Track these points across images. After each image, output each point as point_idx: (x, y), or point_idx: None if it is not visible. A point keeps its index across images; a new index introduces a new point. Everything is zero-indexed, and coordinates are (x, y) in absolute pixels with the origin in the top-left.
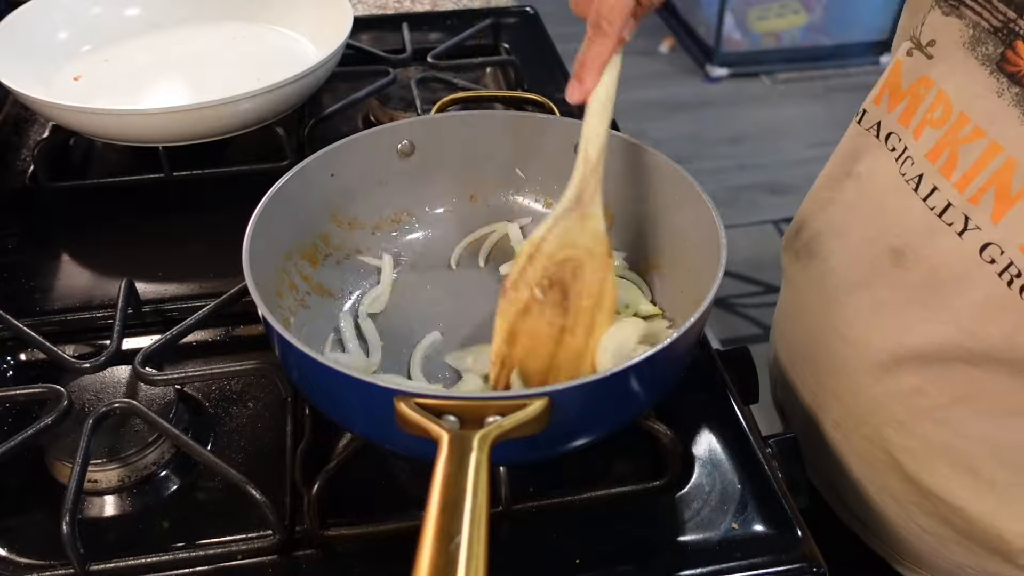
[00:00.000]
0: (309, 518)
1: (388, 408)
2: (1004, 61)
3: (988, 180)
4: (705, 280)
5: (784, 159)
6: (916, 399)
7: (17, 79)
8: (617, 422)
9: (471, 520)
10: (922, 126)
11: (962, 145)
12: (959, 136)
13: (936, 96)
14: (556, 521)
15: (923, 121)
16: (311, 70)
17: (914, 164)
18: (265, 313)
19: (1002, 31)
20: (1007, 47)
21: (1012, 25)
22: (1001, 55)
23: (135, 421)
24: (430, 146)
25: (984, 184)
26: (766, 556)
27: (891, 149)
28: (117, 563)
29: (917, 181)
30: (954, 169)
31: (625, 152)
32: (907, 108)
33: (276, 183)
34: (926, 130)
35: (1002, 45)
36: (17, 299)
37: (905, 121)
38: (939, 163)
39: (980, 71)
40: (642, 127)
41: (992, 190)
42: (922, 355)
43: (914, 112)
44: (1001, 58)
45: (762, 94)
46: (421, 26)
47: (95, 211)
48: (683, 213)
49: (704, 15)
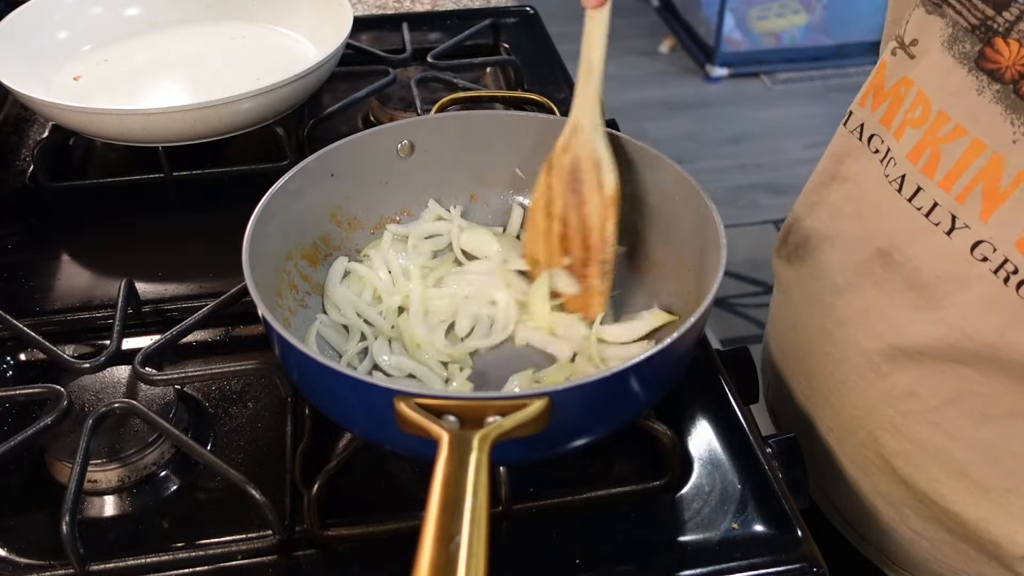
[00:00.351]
0: (309, 518)
1: (388, 408)
2: (982, 59)
3: (974, 178)
4: (705, 280)
5: (784, 159)
6: (908, 401)
7: (17, 79)
8: (617, 422)
9: (471, 520)
10: (903, 126)
11: (944, 144)
12: (939, 135)
13: (916, 95)
14: (556, 521)
15: (904, 121)
16: (311, 70)
17: (896, 165)
18: (265, 313)
19: (980, 28)
20: (985, 44)
21: (990, 22)
22: (979, 52)
23: (135, 421)
24: (430, 146)
25: (970, 183)
26: (766, 556)
27: (874, 151)
28: (117, 563)
29: (900, 182)
30: (936, 168)
31: (625, 152)
32: (888, 108)
33: (276, 183)
34: (907, 130)
35: (979, 43)
36: (17, 299)
37: (887, 122)
38: (921, 163)
39: (958, 69)
40: (642, 127)
41: (979, 188)
42: (913, 356)
43: (895, 112)
44: (979, 55)
45: (762, 94)
46: (421, 26)
47: (95, 211)
48: (683, 213)
49: (704, 15)
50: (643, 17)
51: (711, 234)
